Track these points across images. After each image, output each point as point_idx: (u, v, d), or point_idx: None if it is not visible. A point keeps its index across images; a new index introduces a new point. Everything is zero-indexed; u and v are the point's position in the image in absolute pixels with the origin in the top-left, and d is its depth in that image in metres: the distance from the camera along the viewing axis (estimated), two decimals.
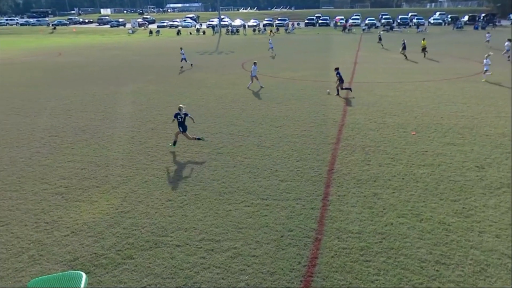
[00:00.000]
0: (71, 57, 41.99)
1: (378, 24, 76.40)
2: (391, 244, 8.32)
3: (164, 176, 11.78)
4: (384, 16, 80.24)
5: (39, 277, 6.59)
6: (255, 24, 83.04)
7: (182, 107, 13.54)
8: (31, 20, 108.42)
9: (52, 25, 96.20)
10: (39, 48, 53.33)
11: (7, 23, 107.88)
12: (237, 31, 73.04)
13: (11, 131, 16.28)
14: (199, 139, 14.03)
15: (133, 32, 79.32)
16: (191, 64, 32.73)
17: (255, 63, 24.08)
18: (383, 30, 68.19)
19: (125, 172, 12.12)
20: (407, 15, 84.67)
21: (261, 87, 23.75)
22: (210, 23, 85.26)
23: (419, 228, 8.84)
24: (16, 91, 24.60)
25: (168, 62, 34.70)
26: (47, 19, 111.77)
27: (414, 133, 14.99)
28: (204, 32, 73.63)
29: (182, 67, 31.91)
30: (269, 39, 43.51)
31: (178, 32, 73.34)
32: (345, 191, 10.57)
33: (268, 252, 8.13)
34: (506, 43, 32.91)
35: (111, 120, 17.67)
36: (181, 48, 32.93)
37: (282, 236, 8.65)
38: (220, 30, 74.42)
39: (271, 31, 67.49)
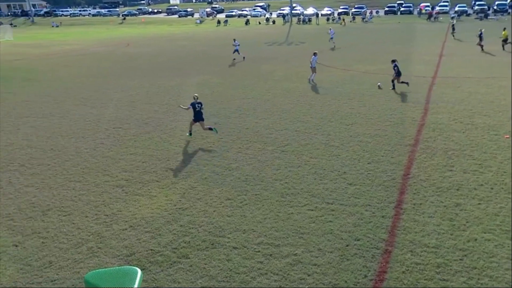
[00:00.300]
0: (139, 48, 44.13)
1: (470, 11, 71.86)
2: (474, 263, 7.76)
3: (224, 173, 11.95)
4: (477, 2, 75.19)
5: (97, 270, 6.90)
6: (329, 12, 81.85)
7: (197, 96, 14.75)
8: (102, 10, 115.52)
9: (122, 15, 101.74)
10: (109, 38, 56.67)
11: (80, 14, 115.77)
12: (309, 20, 72.38)
13: (79, 121, 17.42)
14: (210, 129, 14.82)
15: (200, 22, 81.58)
16: (243, 57, 32.81)
17: (315, 54, 23.72)
18: (476, 18, 64.09)
19: (185, 167, 12.48)
20: (506, 0, 78.69)
21: (312, 80, 23.52)
22: (281, 12, 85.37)
23: (509, 247, 8.16)
24: (86, 81, 26.33)
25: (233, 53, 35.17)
26: (117, 9, 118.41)
27: (507, 136, 13.89)
28: (274, 22, 73.88)
29: (234, 59, 32.52)
30: (330, 29, 42.54)
31: (247, 22, 74.25)
32: (422, 200, 10.04)
33: (331, 262, 7.94)
34: None
35: (174, 113, 18.29)
36: (234, 40, 33.35)
37: (347, 245, 8.40)
38: (291, 19, 74.22)
39: (343, 20, 66.09)
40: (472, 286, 7.19)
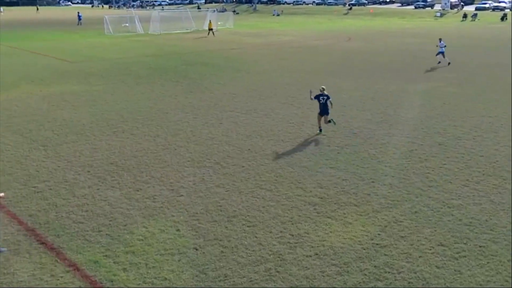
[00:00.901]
0: (361, 43, 44.77)
1: None
2: None
3: (441, 210, 11.05)
4: None
5: None
6: None
7: (323, 87, 16.93)
8: None
9: (349, 5, 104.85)
10: (330, 30, 59.04)
11: (304, 2, 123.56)
12: None
13: (281, 122, 18.46)
14: (329, 121, 16.91)
15: (441, 15, 78.49)
16: (448, 63, 31.14)
17: None
18: None
19: (392, 194, 11.98)
20: None
21: None
22: None
23: None
24: (297, 77, 27.91)
25: (481, 57, 32.63)
26: None
27: None
28: None
29: (439, 62, 31.27)
30: None
31: (504, 17, 68.33)
32: None
33: None
34: None
35: (390, 124, 17.83)
36: (440, 40, 31.28)
37: None
38: None
39: None
40: None
